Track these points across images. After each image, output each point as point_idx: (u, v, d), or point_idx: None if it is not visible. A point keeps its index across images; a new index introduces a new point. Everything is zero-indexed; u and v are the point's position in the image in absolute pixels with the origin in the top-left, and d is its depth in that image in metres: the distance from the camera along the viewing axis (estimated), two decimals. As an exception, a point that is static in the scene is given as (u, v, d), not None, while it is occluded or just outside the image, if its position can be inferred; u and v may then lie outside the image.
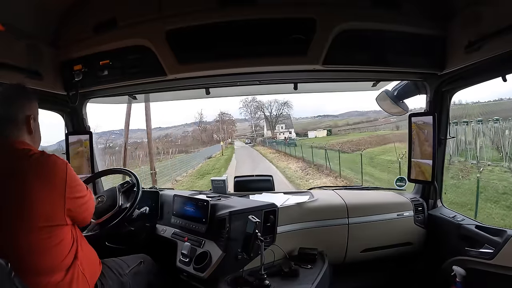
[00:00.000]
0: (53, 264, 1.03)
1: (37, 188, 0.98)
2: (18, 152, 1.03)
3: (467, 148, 10.56)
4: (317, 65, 1.48)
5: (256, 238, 1.33)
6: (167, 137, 44.36)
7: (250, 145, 40.72)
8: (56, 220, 1.03)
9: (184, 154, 30.69)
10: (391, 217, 1.88)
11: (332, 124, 43.81)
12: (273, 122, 43.83)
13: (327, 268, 1.64)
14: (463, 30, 1.36)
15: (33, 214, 0.98)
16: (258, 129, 46.28)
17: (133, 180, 1.67)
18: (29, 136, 1.11)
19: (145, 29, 1.50)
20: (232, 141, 44.98)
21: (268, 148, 32.00)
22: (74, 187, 1.08)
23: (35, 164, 1.01)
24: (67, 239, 1.07)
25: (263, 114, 44.63)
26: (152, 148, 12.80)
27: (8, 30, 1.33)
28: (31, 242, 0.98)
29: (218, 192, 1.99)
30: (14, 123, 1.07)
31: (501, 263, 1.40)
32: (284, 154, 23.07)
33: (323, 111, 43.14)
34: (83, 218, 1.16)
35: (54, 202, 1.02)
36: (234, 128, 48.18)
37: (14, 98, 1.10)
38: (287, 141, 29.89)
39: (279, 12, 1.43)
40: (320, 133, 39.65)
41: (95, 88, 1.77)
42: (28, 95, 1.14)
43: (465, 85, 1.64)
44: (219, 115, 45.60)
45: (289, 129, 42.91)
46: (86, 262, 1.13)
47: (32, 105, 1.13)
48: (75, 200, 1.08)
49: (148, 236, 1.80)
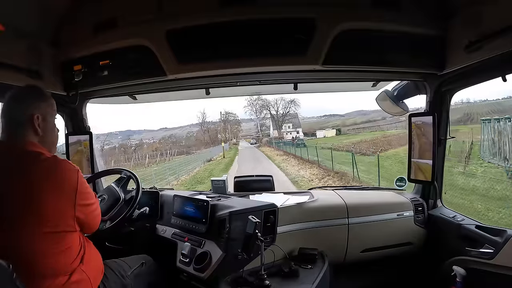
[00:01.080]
0: (58, 268, 1.02)
1: (46, 194, 0.98)
2: (28, 155, 1.02)
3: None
4: (317, 65, 1.48)
5: (256, 238, 1.33)
6: (171, 138, 43.05)
7: (255, 145, 38.29)
8: (64, 226, 1.02)
9: (185, 155, 29.27)
10: (391, 217, 1.88)
11: (340, 124, 42.04)
12: (280, 121, 41.26)
13: (327, 268, 1.64)
14: (463, 30, 1.36)
15: (40, 219, 0.97)
16: (264, 129, 44.12)
17: (127, 174, 1.72)
18: (36, 137, 1.09)
19: (145, 29, 1.50)
20: (237, 141, 43.05)
21: (275, 149, 29.29)
22: (84, 194, 1.07)
23: (46, 170, 1.00)
24: (75, 245, 1.07)
25: (269, 113, 42.21)
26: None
27: (9, 30, 1.32)
28: (36, 247, 0.98)
29: (218, 192, 1.99)
30: (19, 124, 1.07)
31: (501, 263, 1.40)
32: (293, 157, 19.82)
33: (329, 111, 41.48)
34: (92, 226, 1.16)
35: (64, 208, 1.01)
36: (239, 128, 46.19)
37: (20, 98, 1.10)
38: (295, 142, 27.81)
39: (279, 12, 1.43)
40: (329, 133, 37.50)
41: (95, 88, 1.78)
42: (36, 95, 1.13)
43: (465, 85, 1.64)
44: (224, 114, 43.53)
45: (297, 128, 40.36)
46: (91, 266, 1.13)
47: (41, 105, 1.11)
48: (85, 207, 1.08)
49: (148, 237, 1.80)
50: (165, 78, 1.57)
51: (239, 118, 45.57)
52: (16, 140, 1.06)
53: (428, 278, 1.81)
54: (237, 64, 1.52)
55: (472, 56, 1.34)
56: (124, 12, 1.52)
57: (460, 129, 14.80)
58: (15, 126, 1.06)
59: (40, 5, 1.45)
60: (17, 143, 1.05)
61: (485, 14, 1.24)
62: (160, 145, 38.24)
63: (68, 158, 1.96)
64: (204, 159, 23.42)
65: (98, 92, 1.87)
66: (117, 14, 1.53)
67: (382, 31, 1.47)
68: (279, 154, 24.00)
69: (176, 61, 1.50)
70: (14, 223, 0.96)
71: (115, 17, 1.53)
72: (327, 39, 1.43)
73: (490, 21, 1.21)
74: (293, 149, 22.09)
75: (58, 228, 1.01)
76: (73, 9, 1.57)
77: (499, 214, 5.99)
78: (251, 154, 27.07)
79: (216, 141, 38.87)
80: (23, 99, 1.09)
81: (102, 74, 1.62)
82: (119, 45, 1.57)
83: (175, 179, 14.54)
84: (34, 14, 1.46)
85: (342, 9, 1.42)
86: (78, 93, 1.72)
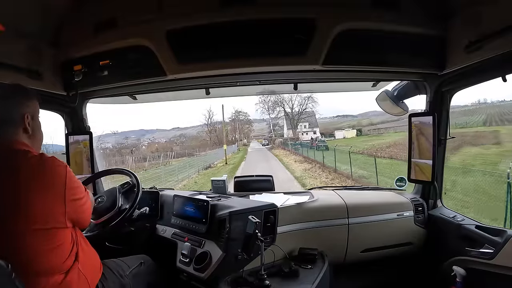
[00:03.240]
0: (52, 266, 1.02)
1: (34, 191, 0.98)
2: (16, 154, 1.02)
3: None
4: (317, 65, 1.48)
5: (256, 238, 1.33)
6: (181, 137, 40.09)
7: (267, 147, 33.67)
8: (55, 223, 1.02)
9: (187, 157, 25.53)
10: (391, 217, 1.88)
11: (356, 124, 38.24)
12: (295, 120, 35.79)
13: (327, 268, 1.64)
14: (463, 30, 1.36)
15: (29, 217, 0.97)
16: (276, 129, 39.98)
17: (133, 181, 1.67)
18: (26, 135, 1.09)
19: (145, 29, 1.50)
20: (248, 141, 39.85)
21: (291, 152, 23.86)
22: (74, 189, 1.07)
23: (33, 167, 1.00)
24: (67, 242, 1.06)
25: (282, 111, 36.77)
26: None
27: (9, 30, 1.32)
28: (28, 245, 0.97)
29: (218, 192, 1.99)
30: (10, 123, 1.06)
31: (501, 263, 1.40)
32: (318, 165, 14.70)
33: (341, 111, 38.18)
34: (83, 220, 1.15)
35: (53, 205, 1.01)
36: (250, 128, 42.78)
37: (10, 97, 1.09)
38: (315, 144, 22.55)
39: (279, 12, 1.43)
40: (349, 133, 33.07)
41: (95, 88, 1.78)
42: (25, 94, 1.12)
43: (465, 85, 1.64)
44: (234, 113, 40.12)
45: (314, 128, 35.39)
46: (87, 264, 1.13)
47: (30, 103, 1.12)
48: (75, 202, 1.08)
49: (148, 237, 1.80)
50: (165, 78, 1.58)
51: (251, 118, 42.67)
52: (3, 139, 1.05)
53: (428, 278, 1.81)
54: (237, 64, 1.53)
55: (472, 56, 1.34)
56: (124, 12, 1.52)
57: (500, 130, 13.99)
58: (2, 125, 1.06)
59: (40, 5, 1.45)
60: (4, 142, 1.05)
61: (485, 14, 1.24)
62: (167, 145, 35.84)
63: (68, 158, 1.96)
64: (202, 165, 18.81)
65: (98, 92, 1.87)
66: (117, 14, 1.53)
67: (382, 31, 1.47)
68: (297, 160, 18.67)
69: (176, 61, 1.50)
70: (6, 221, 0.96)
71: (115, 17, 1.53)
72: (327, 39, 1.43)
73: (490, 21, 1.21)
74: (312, 152, 18.31)
75: (49, 225, 1.00)
76: (73, 9, 1.57)
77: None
78: (261, 158, 21.62)
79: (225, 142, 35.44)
80: (11, 98, 1.09)
81: (102, 74, 1.62)
82: (119, 45, 1.57)
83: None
84: (34, 14, 1.46)
85: (342, 9, 1.42)
86: (78, 93, 1.72)
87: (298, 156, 20.32)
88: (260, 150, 29.90)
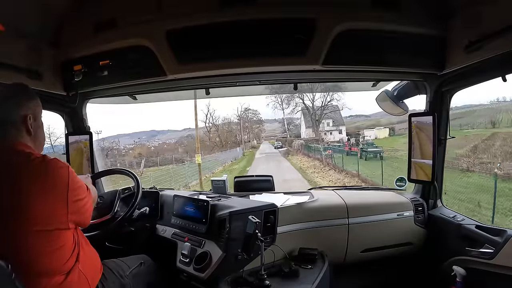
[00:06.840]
0: (53, 267, 1.02)
1: (36, 193, 0.97)
2: (18, 155, 1.01)
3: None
4: (317, 65, 1.48)
5: (256, 238, 1.33)
6: (189, 138, 31.82)
7: (281, 150, 25.79)
8: (58, 224, 1.02)
9: (174, 165, 19.35)
10: (391, 217, 1.88)
11: (375, 123, 31.74)
12: (318, 116, 26.99)
13: (327, 268, 1.64)
14: (463, 30, 1.36)
15: (30, 218, 0.96)
16: (291, 128, 32.06)
17: (134, 187, 1.68)
18: (29, 137, 1.09)
19: (145, 29, 1.50)
20: (258, 143, 32.84)
21: (320, 162, 15.20)
22: (76, 189, 1.07)
23: (36, 169, 0.99)
24: (69, 244, 1.06)
25: (300, 103, 27.62)
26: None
27: (9, 30, 1.32)
28: (30, 246, 0.97)
29: (218, 192, 1.99)
30: (12, 124, 1.05)
31: (501, 263, 1.40)
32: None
33: (353, 111, 34.88)
34: (84, 219, 1.15)
35: (56, 207, 1.01)
36: (261, 127, 34.99)
37: (11, 97, 1.08)
38: (358, 149, 15.33)
39: (279, 12, 1.43)
40: (381, 133, 26.63)
41: (95, 88, 1.78)
42: (27, 94, 1.11)
43: (465, 85, 1.65)
44: (243, 111, 31.20)
45: (339, 126, 27.62)
46: (88, 265, 1.13)
47: (31, 104, 1.11)
48: (77, 202, 1.07)
49: (148, 237, 1.80)
50: (165, 78, 1.57)
51: (262, 118, 34.34)
52: (5, 140, 1.04)
53: (428, 278, 1.81)
54: (237, 64, 1.52)
55: (472, 56, 1.34)
56: (124, 12, 1.52)
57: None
58: (3, 126, 1.05)
59: (40, 5, 1.45)
60: (5, 143, 1.04)
61: (485, 14, 1.24)
62: (175, 146, 28.83)
63: (68, 158, 1.96)
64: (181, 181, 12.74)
65: (98, 92, 1.87)
66: (117, 14, 1.53)
67: (382, 31, 1.47)
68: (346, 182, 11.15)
69: (176, 61, 1.50)
70: (7, 222, 0.96)
71: (115, 17, 1.53)
72: (327, 39, 1.43)
73: (490, 21, 1.21)
74: (351, 162, 12.51)
75: (50, 227, 1.00)
76: (73, 9, 1.57)
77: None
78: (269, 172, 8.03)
79: (229, 144, 28.25)
80: (12, 99, 1.08)
81: (102, 74, 1.61)
82: (119, 45, 1.57)
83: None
84: (34, 14, 1.46)
85: (342, 9, 1.42)
86: (78, 93, 1.72)
87: (339, 171, 12.54)
88: (270, 156, 22.71)
